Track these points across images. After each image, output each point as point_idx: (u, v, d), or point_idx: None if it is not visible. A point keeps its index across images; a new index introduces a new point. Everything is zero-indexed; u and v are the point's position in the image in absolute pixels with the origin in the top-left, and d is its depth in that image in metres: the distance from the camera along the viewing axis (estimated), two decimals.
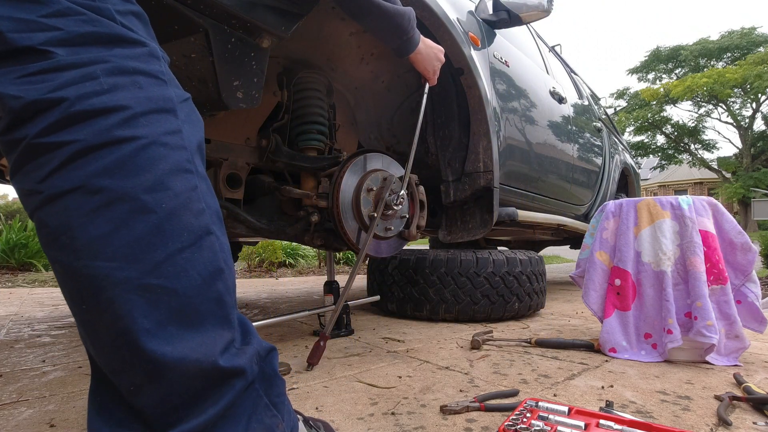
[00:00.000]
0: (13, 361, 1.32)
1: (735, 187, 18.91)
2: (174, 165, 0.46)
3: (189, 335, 0.45)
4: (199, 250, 0.47)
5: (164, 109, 0.47)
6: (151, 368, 0.43)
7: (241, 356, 0.49)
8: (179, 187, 0.46)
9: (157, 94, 0.48)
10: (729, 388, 1.04)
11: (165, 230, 0.44)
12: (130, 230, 0.43)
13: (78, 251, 0.42)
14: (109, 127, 0.43)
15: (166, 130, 0.47)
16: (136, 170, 0.44)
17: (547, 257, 7.79)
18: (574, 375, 1.15)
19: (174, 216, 0.45)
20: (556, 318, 2.06)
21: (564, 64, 3.34)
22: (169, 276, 0.44)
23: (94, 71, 0.43)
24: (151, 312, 0.43)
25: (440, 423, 0.83)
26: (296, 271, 5.30)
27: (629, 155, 4.21)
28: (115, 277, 0.42)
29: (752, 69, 16.85)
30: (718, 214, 1.35)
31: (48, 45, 0.42)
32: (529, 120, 2.11)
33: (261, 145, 1.41)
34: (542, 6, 1.90)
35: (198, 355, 0.45)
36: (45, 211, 0.42)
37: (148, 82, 0.47)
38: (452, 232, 1.84)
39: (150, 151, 0.45)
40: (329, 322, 1.32)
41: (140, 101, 0.46)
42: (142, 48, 0.48)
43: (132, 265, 0.43)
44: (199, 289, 0.46)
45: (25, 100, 0.41)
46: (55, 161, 0.42)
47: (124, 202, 0.43)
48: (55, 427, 0.83)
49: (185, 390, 0.45)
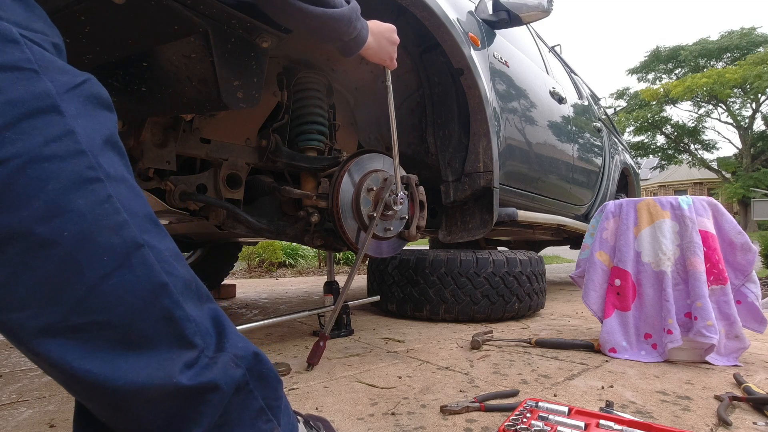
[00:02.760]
0: (13, 361, 1.32)
1: (735, 187, 18.91)
2: (70, 179, 0.38)
3: (141, 362, 0.40)
4: (129, 270, 0.40)
5: (39, 109, 0.37)
6: (111, 401, 0.40)
7: (212, 368, 0.44)
8: (83, 204, 0.38)
9: (24, 92, 0.37)
10: (729, 388, 1.04)
11: (78, 260, 0.38)
12: (34, 271, 0.36)
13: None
14: None
15: (48, 137, 0.37)
16: (19, 200, 0.35)
17: (547, 257, 7.79)
18: (574, 375, 1.15)
19: (85, 241, 0.38)
20: (556, 318, 2.06)
21: (564, 65, 3.34)
22: (97, 309, 0.38)
23: None
24: (88, 351, 0.38)
25: (440, 423, 0.83)
26: (296, 272, 5.30)
27: (629, 155, 4.21)
28: (31, 326, 0.37)
29: (752, 69, 16.85)
30: (718, 214, 1.35)
31: None
32: (529, 120, 2.11)
33: (261, 146, 1.41)
34: (542, 6, 1.90)
35: (156, 380, 0.41)
36: None
37: (7, 80, 0.36)
38: (452, 232, 1.84)
39: (30, 171, 0.36)
40: (329, 322, 1.32)
41: (1, 110, 0.36)
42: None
43: (48, 309, 0.37)
44: (141, 313, 0.40)
45: None
46: None
47: (16, 241, 0.36)
48: (55, 428, 0.83)
49: (156, 415, 0.42)
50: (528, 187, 2.15)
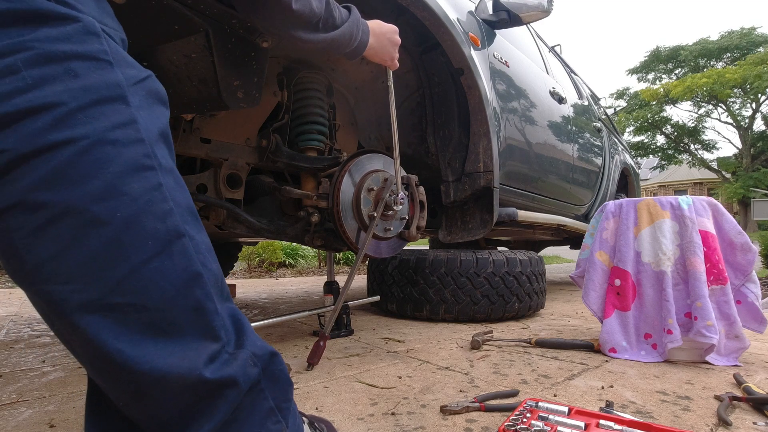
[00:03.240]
0: (13, 361, 1.32)
1: (735, 187, 18.91)
2: (128, 164, 0.40)
3: (168, 349, 0.41)
4: (169, 257, 0.42)
5: (109, 98, 0.40)
6: (132, 386, 0.40)
7: (232, 364, 0.45)
8: (137, 189, 0.40)
9: (99, 80, 0.40)
10: (729, 388, 1.04)
11: (124, 242, 0.39)
12: (83, 248, 0.38)
13: (29, 275, 0.38)
14: (40, 131, 0.36)
15: (114, 123, 0.40)
16: (80, 178, 0.38)
17: (547, 257, 7.79)
18: (574, 375, 1.15)
19: (134, 224, 0.40)
20: (556, 318, 2.06)
21: (564, 65, 3.34)
22: (135, 291, 0.40)
23: (13, 63, 0.36)
24: (122, 331, 0.39)
25: (440, 423, 0.83)
26: (296, 272, 5.30)
27: (629, 155, 4.21)
28: (73, 300, 0.38)
29: (752, 69, 16.85)
30: (718, 214, 1.35)
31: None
32: (529, 120, 2.11)
33: (261, 146, 1.41)
34: (542, 6, 1.90)
35: (180, 369, 0.41)
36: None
37: (85, 68, 0.39)
38: (452, 232, 1.84)
39: (94, 152, 0.38)
40: (329, 322, 1.32)
41: (76, 94, 0.38)
42: (74, 24, 0.39)
43: (91, 285, 0.38)
44: (174, 300, 0.42)
45: None
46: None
47: (71, 217, 0.37)
48: (55, 428, 0.83)
49: (173, 405, 0.42)
50: (528, 187, 2.15)
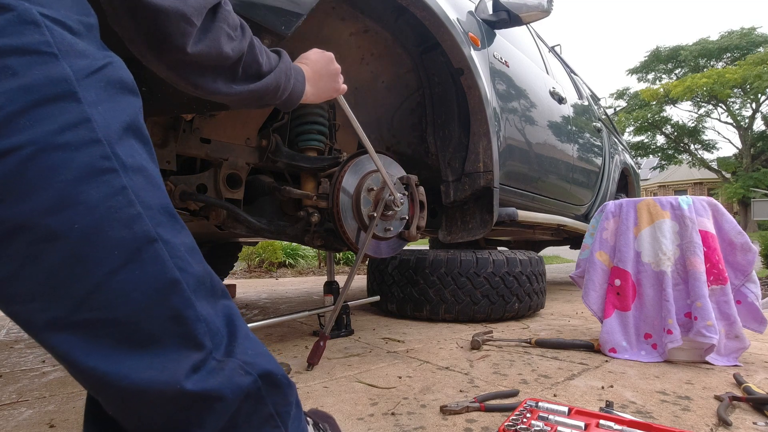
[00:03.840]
0: (13, 361, 1.32)
1: (735, 187, 18.90)
2: (82, 170, 0.36)
3: (145, 362, 0.39)
4: (139, 266, 0.39)
5: (55, 96, 0.36)
6: (115, 396, 0.39)
7: (217, 375, 0.43)
8: (95, 196, 0.37)
9: (41, 77, 0.35)
10: (729, 388, 1.04)
11: (85, 255, 0.36)
12: (41, 265, 0.35)
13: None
14: None
15: (62, 125, 0.36)
16: (29, 190, 0.34)
17: (547, 257, 7.79)
18: (574, 375, 1.15)
19: (94, 235, 0.36)
20: (556, 318, 2.06)
21: (564, 65, 3.34)
22: (103, 306, 0.37)
23: None
24: (93, 348, 0.37)
25: (440, 423, 0.83)
26: (296, 272, 5.30)
27: (629, 155, 4.21)
28: (39, 320, 0.36)
29: (752, 69, 16.85)
30: (717, 214, 1.35)
31: None
32: (529, 120, 2.11)
33: (261, 146, 1.41)
34: (542, 6, 1.90)
35: (158, 383, 0.39)
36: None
37: (24, 64, 0.35)
38: (452, 232, 1.84)
39: (41, 160, 0.34)
40: (329, 322, 1.32)
41: (13, 95, 0.34)
42: (5, 14, 0.34)
43: (55, 303, 0.36)
44: (148, 311, 0.39)
45: None
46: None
47: (24, 233, 0.34)
48: (55, 428, 0.83)
49: (159, 416, 0.41)
50: (528, 187, 2.15)
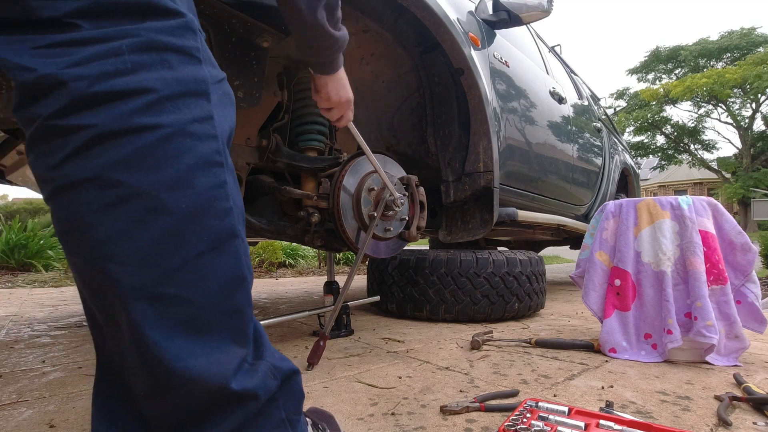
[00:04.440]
0: (13, 361, 1.32)
1: (735, 187, 18.90)
2: (200, 158, 0.41)
3: (201, 350, 0.41)
4: (220, 255, 0.42)
5: (195, 92, 0.42)
6: (157, 379, 0.40)
7: (254, 375, 0.45)
8: (204, 184, 0.41)
9: (189, 74, 0.42)
10: (729, 389, 1.04)
11: (183, 234, 0.40)
12: (145, 232, 0.39)
13: (89, 250, 0.38)
14: (130, 113, 0.38)
15: (195, 117, 0.42)
16: (157, 164, 0.39)
17: (547, 257, 7.79)
18: (574, 375, 1.15)
19: (194, 217, 0.40)
20: (556, 318, 2.06)
21: (564, 65, 3.34)
22: (184, 285, 0.40)
23: (119, 47, 0.38)
24: (163, 324, 0.39)
25: (440, 423, 0.83)
26: (296, 272, 5.30)
27: (629, 155, 4.21)
28: (126, 283, 0.39)
29: (752, 69, 16.85)
30: (717, 214, 1.35)
31: (73, 17, 0.37)
32: (529, 120, 2.11)
33: (261, 146, 1.41)
34: (542, 6, 1.90)
35: (208, 374, 0.41)
36: (55, 203, 0.38)
37: (179, 61, 0.41)
38: (452, 232, 1.84)
39: (174, 142, 0.40)
40: (329, 322, 1.32)
41: (168, 83, 0.40)
42: (177, 19, 0.42)
43: (145, 271, 0.39)
44: (215, 301, 0.42)
45: (38, 73, 0.36)
46: (68, 147, 0.37)
47: (141, 200, 0.38)
48: (55, 428, 0.83)
49: (192, 407, 0.42)
50: (528, 187, 2.15)
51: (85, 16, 0.38)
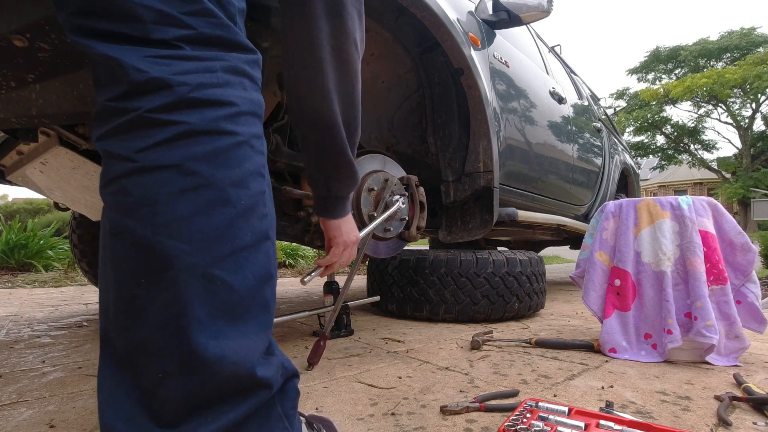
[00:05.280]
0: (13, 361, 1.32)
1: (735, 187, 18.90)
2: (255, 167, 0.49)
3: (234, 335, 0.45)
4: (257, 252, 0.48)
5: (257, 113, 0.51)
6: (189, 359, 0.43)
7: (270, 367, 0.49)
8: (255, 188, 0.49)
9: (255, 98, 0.51)
10: (729, 389, 1.04)
11: (236, 226, 0.46)
12: (209, 219, 0.44)
13: (157, 226, 0.43)
14: (216, 118, 0.46)
15: (256, 133, 0.50)
16: (228, 163, 0.46)
17: (547, 257, 7.79)
18: (574, 375, 1.15)
19: (246, 214, 0.47)
20: (556, 318, 2.06)
21: (564, 65, 3.34)
22: (230, 270, 0.45)
23: (214, 66, 0.47)
24: (208, 302, 0.44)
25: (440, 423, 0.83)
26: (296, 272, 5.29)
27: (629, 155, 4.21)
28: (184, 260, 0.43)
29: (752, 69, 16.85)
30: (717, 214, 1.35)
31: (179, 41, 0.46)
32: (529, 120, 2.11)
33: None
34: (542, 6, 1.90)
35: (237, 357, 0.45)
36: (133, 181, 0.43)
37: (251, 86, 0.51)
38: (452, 232, 1.84)
39: (242, 149, 0.47)
40: (329, 322, 1.32)
41: (244, 101, 0.49)
42: (253, 55, 0.52)
43: (202, 252, 0.44)
44: (251, 291, 0.47)
45: (149, 75, 0.43)
46: (160, 137, 0.43)
47: (211, 191, 0.45)
48: (55, 428, 0.83)
49: (214, 390, 0.44)
50: (528, 187, 2.15)
51: (188, 42, 0.46)
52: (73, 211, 2.25)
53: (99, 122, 0.45)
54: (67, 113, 0.92)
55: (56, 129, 1.14)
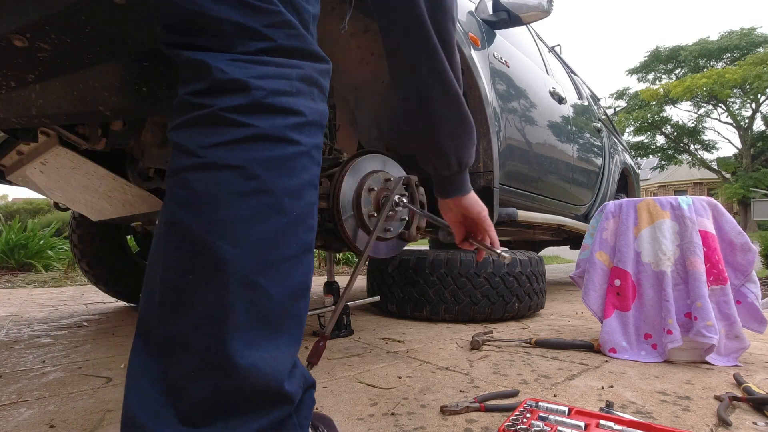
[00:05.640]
0: (13, 361, 1.32)
1: (735, 187, 18.91)
2: (311, 178, 0.49)
3: (268, 346, 0.45)
4: (300, 263, 0.48)
5: (321, 124, 0.52)
6: (223, 363, 0.43)
7: (295, 381, 0.49)
8: (308, 200, 0.49)
9: (322, 108, 0.52)
10: (729, 389, 1.04)
11: (285, 235, 0.46)
12: (263, 225, 0.44)
13: (213, 224, 0.43)
14: (285, 126, 0.47)
15: (317, 144, 0.50)
16: (289, 173, 0.46)
17: (547, 257, 7.79)
18: (574, 375, 1.15)
19: (296, 224, 0.47)
20: (556, 318, 2.06)
21: (564, 65, 3.34)
22: (272, 280, 0.45)
23: (290, 73, 0.48)
24: (248, 309, 0.44)
25: (440, 423, 0.83)
26: None
27: (629, 155, 4.21)
28: (234, 263, 0.43)
29: (752, 69, 16.86)
30: (717, 214, 1.35)
31: (259, 54, 0.47)
32: (529, 120, 2.11)
33: None
34: (542, 6, 1.90)
35: (269, 370, 0.44)
36: (196, 175, 0.44)
37: (319, 96, 0.52)
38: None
39: (303, 159, 0.48)
40: (329, 322, 1.32)
41: (312, 111, 0.50)
42: (325, 65, 0.53)
43: (251, 258, 0.44)
44: (288, 302, 0.47)
45: (229, 75, 0.45)
46: (228, 136, 0.44)
47: (270, 197, 0.45)
48: (55, 428, 0.83)
49: (242, 398, 0.44)
50: (528, 187, 2.15)
51: (267, 53, 0.48)
52: (73, 211, 2.25)
53: (174, 114, 0.47)
54: (67, 113, 0.92)
55: (56, 129, 1.14)
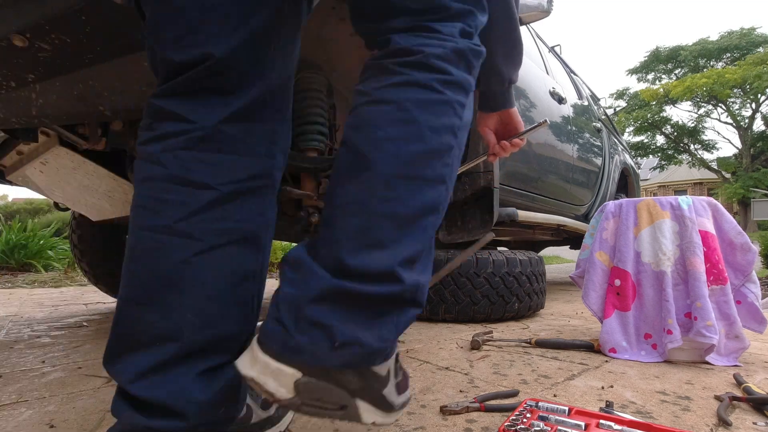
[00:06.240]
0: (13, 361, 1.32)
1: (735, 187, 18.91)
2: (451, 124, 0.57)
3: (375, 325, 0.52)
4: (431, 188, 0.55)
5: (464, 87, 0.61)
6: (332, 342, 0.49)
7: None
8: (446, 140, 0.57)
9: (466, 77, 0.61)
10: (729, 389, 1.04)
11: (423, 159, 0.54)
12: (407, 146, 0.54)
13: (370, 140, 0.54)
14: (433, 79, 0.57)
15: (460, 101, 0.59)
16: (432, 112, 0.56)
17: (547, 257, 7.79)
18: (574, 375, 1.15)
19: (432, 154, 0.55)
20: (556, 318, 2.06)
21: (564, 65, 3.34)
22: (407, 190, 0.53)
23: (446, 45, 0.59)
24: (383, 202, 0.52)
25: (440, 423, 0.83)
26: None
27: (629, 155, 4.21)
28: (380, 166, 0.53)
29: (752, 69, 16.87)
30: (717, 214, 1.35)
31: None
32: (529, 120, 2.11)
33: None
34: (542, 6, 1.90)
35: (373, 347, 0.52)
36: (366, 108, 0.57)
37: (464, 67, 0.61)
38: (452, 232, 1.84)
39: (446, 107, 0.57)
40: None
41: (459, 75, 0.59)
42: (478, 48, 0.63)
43: (392, 165, 0.53)
44: (418, 213, 0.55)
45: (402, 45, 0.58)
46: (393, 80, 0.57)
47: (414, 126, 0.55)
48: (55, 428, 0.83)
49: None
50: (528, 187, 2.16)
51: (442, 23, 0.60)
52: (73, 211, 2.25)
53: (362, 73, 0.60)
54: (67, 113, 0.92)
55: (56, 129, 1.14)
